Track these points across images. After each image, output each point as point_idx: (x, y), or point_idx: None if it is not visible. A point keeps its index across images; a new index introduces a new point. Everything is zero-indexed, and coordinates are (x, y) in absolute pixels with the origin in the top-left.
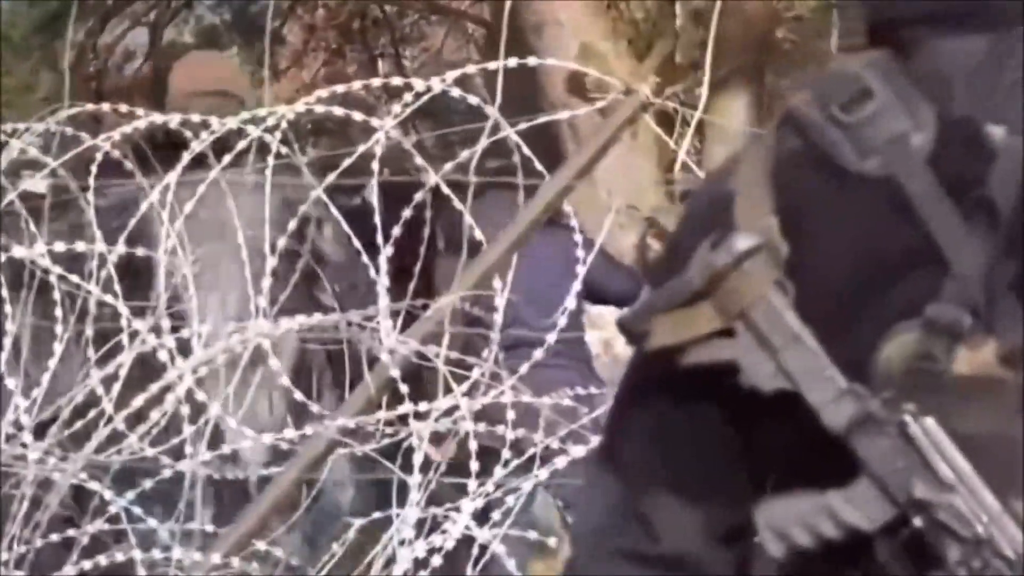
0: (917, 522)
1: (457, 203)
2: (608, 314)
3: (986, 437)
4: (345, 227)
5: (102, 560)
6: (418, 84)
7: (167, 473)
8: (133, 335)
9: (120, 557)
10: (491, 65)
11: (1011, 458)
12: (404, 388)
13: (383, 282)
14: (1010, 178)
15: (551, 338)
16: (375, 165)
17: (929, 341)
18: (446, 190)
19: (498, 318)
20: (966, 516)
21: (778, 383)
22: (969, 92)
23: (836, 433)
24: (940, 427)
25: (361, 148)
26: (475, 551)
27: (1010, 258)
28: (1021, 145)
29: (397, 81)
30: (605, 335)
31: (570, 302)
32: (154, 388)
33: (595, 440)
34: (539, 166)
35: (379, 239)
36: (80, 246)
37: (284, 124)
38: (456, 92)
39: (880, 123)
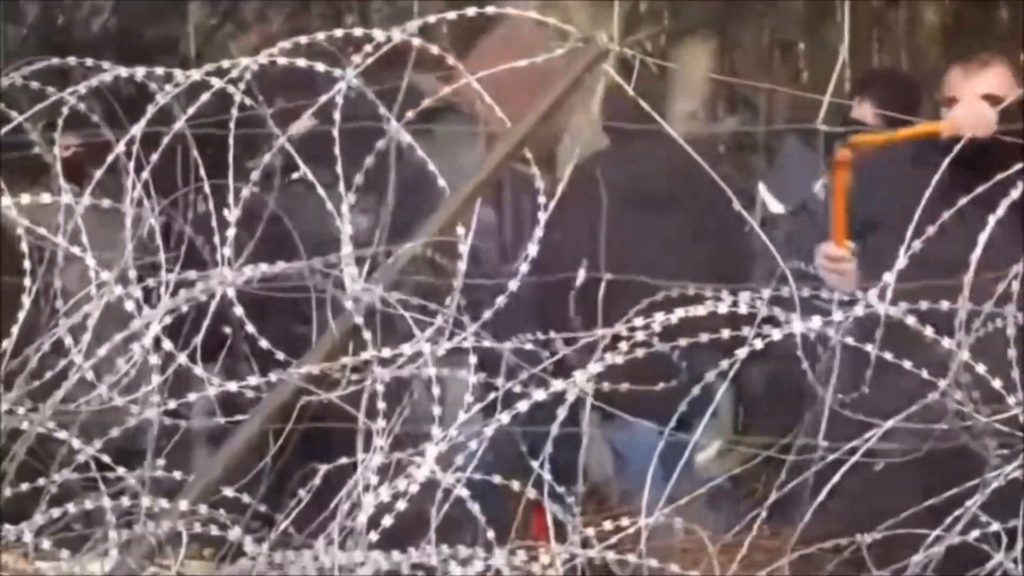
0: None
1: (420, 151)
2: None
3: None
4: (310, 176)
5: (71, 508)
6: (379, 35)
7: (133, 422)
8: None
9: (89, 505)
10: (450, 15)
11: None
12: (368, 335)
13: (347, 230)
14: None
15: (513, 285)
16: (337, 115)
17: None
18: (407, 138)
19: (462, 265)
20: None
21: None
22: None
23: None
24: None
25: (323, 98)
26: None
27: None
28: None
29: (358, 32)
30: None
31: (532, 249)
32: (119, 337)
33: (556, 384)
34: (500, 113)
35: (341, 188)
36: (45, 198)
37: (248, 75)
38: (418, 42)
39: None
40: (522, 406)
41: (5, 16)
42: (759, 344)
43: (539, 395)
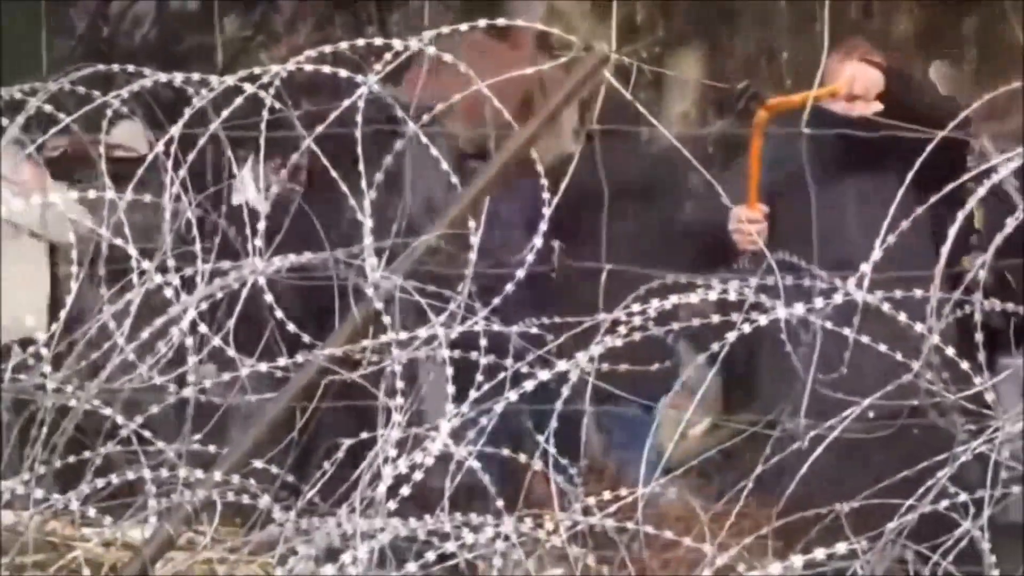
0: None
1: (434, 150)
2: None
3: None
4: (333, 173)
5: (114, 479)
6: (398, 44)
7: (171, 399)
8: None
9: (131, 476)
10: (463, 26)
11: None
12: (387, 319)
13: (367, 223)
14: None
15: (521, 273)
16: (359, 118)
17: None
18: (424, 139)
19: (473, 256)
20: None
21: None
22: None
23: None
24: None
25: (346, 102)
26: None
27: None
28: None
29: (378, 41)
30: None
31: (537, 240)
32: (159, 322)
33: (560, 365)
34: (508, 116)
35: (363, 184)
36: (91, 193)
37: (277, 82)
38: (432, 51)
39: None
40: (528, 385)
41: (56, 27)
42: (747, 328)
43: (544, 375)
